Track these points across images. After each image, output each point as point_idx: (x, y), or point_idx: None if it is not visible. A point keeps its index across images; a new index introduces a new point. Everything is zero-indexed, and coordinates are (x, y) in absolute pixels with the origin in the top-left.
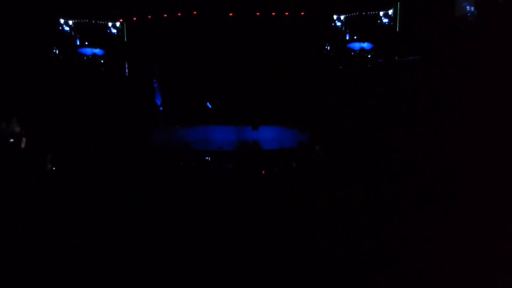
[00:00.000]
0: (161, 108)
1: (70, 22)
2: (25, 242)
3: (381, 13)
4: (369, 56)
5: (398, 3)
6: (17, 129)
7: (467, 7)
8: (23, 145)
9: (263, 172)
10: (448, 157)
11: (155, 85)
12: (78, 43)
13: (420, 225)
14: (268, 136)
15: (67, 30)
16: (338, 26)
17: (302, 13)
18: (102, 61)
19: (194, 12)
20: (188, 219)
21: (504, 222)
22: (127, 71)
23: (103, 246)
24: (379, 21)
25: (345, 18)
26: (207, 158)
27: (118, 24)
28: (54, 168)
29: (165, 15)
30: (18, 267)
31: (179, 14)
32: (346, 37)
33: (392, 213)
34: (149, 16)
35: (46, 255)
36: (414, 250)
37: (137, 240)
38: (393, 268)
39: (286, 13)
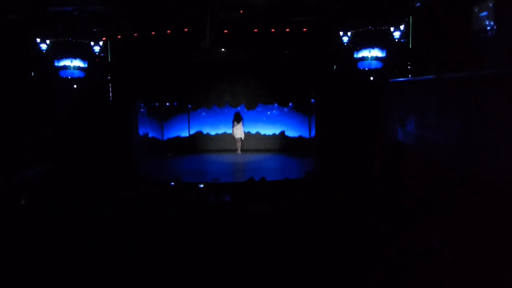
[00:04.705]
0: (150, 135)
1: (48, 41)
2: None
3: (392, 29)
4: (380, 75)
5: (411, 17)
6: None
7: (486, 21)
8: None
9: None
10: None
11: (142, 109)
12: (56, 64)
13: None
14: (270, 165)
15: (44, 50)
16: (345, 43)
17: (305, 29)
18: (83, 84)
19: (185, 29)
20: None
21: None
22: (111, 94)
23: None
24: (390, 37)
25: (352, 34)
26: (200, 190)
27: (101, 43)
28: (29, 205)
29: (153, 33)
30: None
31: (168, 31)
32: (353, 55)
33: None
34: (136, 34)
35: None
36: None
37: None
38: None
39: (287, 29)
